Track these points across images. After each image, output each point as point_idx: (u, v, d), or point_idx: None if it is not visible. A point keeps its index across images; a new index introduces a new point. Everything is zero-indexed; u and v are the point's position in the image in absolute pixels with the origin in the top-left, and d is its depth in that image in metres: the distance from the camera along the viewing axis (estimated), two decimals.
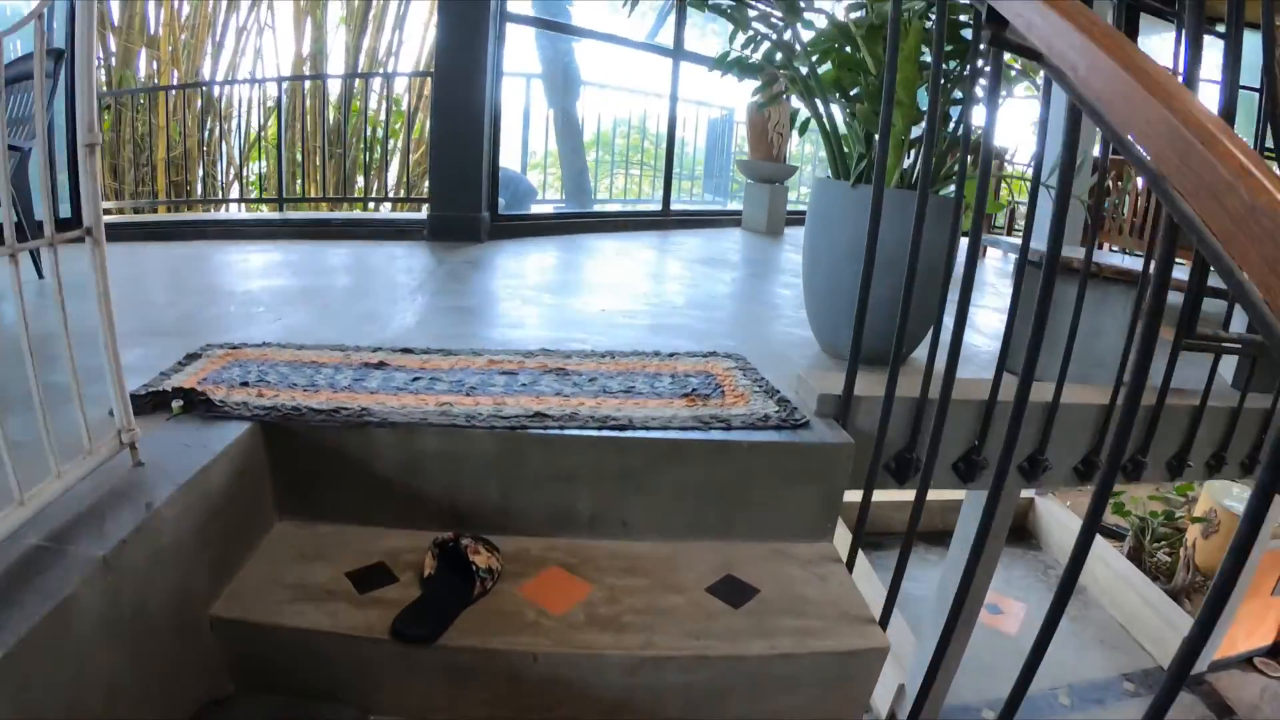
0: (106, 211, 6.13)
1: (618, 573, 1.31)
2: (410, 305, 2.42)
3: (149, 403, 1.39)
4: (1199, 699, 4.13)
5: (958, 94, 1.99)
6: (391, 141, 7.51)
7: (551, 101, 5.37)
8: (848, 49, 2.09)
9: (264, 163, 7.45)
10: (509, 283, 2.91)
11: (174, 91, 6.87)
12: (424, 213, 4.03)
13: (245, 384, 1.54)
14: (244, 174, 7.92)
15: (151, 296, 2.45)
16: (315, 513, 1.39)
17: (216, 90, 6.98)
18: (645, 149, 8.67)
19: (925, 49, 1.90)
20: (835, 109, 2.08)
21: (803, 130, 2.52)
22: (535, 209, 5.21)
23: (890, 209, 1.65)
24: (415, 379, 1.62)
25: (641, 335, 2.21)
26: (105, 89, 7.10)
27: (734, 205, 6.67)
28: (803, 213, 6.40)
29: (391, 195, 6.50)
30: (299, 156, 7.37)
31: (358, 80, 7.40)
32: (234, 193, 7.45)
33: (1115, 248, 4.73)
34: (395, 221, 4.15)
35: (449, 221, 3.91)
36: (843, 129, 2.10)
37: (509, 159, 5.00)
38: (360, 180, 7.41)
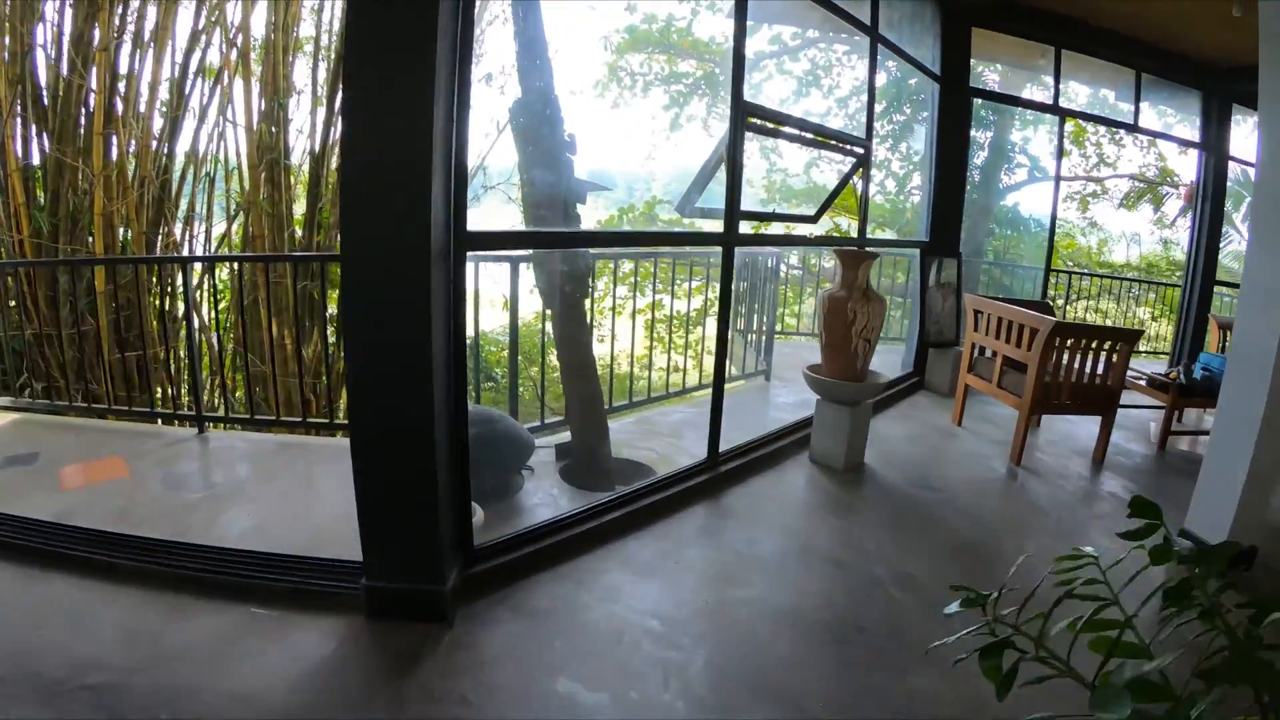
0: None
1: None
2: None
3: None
4: None
5: None
6: None
7: (549, 300, 3.98)
8: None
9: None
10: None
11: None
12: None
13: None
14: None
15: None
16: None
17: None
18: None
19: None
20: None
21: None
22: (531, 482, 3.81)
23: None
24: None
25: None
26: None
27: (781, 393, 5.35)
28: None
29: (341, 419, 5.15)
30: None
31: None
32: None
33: None
34: (328, 570, 2.75)
35: (395, 596, 2.55)
36: None
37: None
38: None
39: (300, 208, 6.77)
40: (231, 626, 2.53)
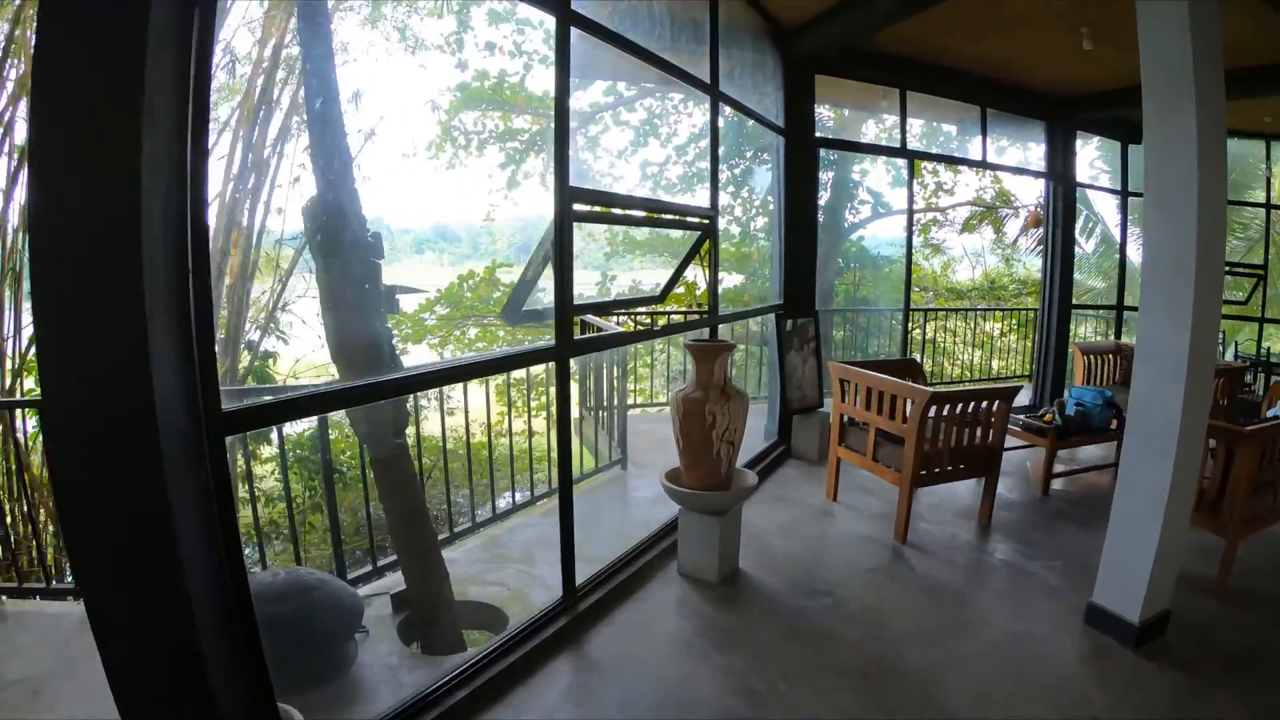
0: None
1: None
2: None
3: None
4: None
5: None
6: None
7: (365, 438, 3.43)
8: None
9: None
10: None
11: None
12: None
13: None
14: None
15: None
16: None
17: None
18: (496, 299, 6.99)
19: None
20: None
21: None
22: (366, 649, 3.23)
23: None
24: None
25: None
26: None
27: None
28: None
29: None
30: None
31: None
32: None
33: None
34: None
35: None
36: None
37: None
38: None
39: None
40: None
